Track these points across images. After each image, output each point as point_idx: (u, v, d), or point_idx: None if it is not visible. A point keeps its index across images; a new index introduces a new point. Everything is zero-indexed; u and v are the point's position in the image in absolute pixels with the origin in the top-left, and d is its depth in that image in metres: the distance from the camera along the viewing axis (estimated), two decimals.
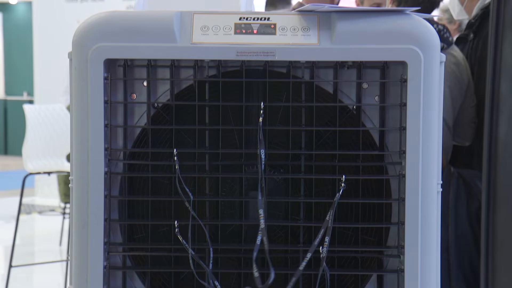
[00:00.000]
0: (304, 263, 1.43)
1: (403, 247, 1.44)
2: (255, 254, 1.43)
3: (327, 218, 1.43)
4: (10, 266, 4.64)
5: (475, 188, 2.91)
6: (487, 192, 2.58)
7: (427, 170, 1.44)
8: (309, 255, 1.43)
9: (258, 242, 1.43)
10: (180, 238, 1.45)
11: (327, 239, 1.43)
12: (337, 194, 1.44)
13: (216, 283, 1.44)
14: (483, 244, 2.60)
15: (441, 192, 1.48)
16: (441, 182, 1.48)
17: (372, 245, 1.50)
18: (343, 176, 1.45)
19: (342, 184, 1.44)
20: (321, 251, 1.43)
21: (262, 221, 1.43)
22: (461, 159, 3.02)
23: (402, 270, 1.45)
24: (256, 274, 1.43)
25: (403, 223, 1.44)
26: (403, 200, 1.44)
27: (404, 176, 1.44)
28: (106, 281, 1.47)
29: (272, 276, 1.43)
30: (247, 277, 1.50)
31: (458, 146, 3.01)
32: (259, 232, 1.43)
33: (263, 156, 1.43)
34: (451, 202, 2.94)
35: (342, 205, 1.48)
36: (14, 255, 4.69)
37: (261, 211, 1.43)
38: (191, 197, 1.45)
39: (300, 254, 1.48)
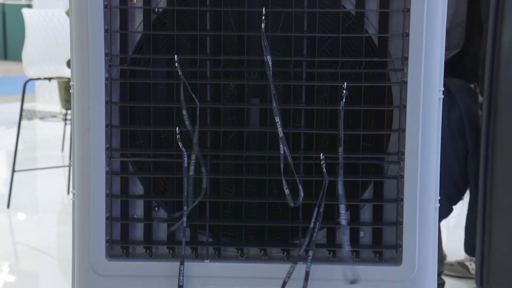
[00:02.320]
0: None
1: (403, 153, 1.45)
2: (282, 165, 1.43)
3: (340, 129, 1.43)
4: (13, 170, 4.69)
5: (457, 96, 2.88)
6: (489, 100, 2.58)
7: (429, 77, 1.44)
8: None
9: (282, 151, 1.43)
10: (180, 145, 1.46)
11: (340, 149, 1.43)
12: (342, 102, 1.44)
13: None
14: (483, 155, 2.61)
15: None
16: (443, 89, 1.48)
17: (372, 152, 1.51)
18: (345, 83, 1.44)
19: (344, 91, 1.44)
20: (321, 159, 1.44)
21: (280, 130, 1.43)
22: (448, 69, 3.00)
23: (402, 176, 1.46)
24: (287, 191, 1.43)
25: (404, 130, 1.45)
26: (405, 107, 1.44)
27: (406, 82, 1.43)
28: (108, 186, 1.48)
29: (301, 194, 1.43)
30: (248, 184, 1.51)
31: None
32: (280, 141, 1.42)
33: (270, 63, 1.42)
34: None
35: (344, 112, 1.47)
36: (17, 160, 4.72)
37: (277, 119, 1.42)
38: (198, 103, 1.44)
39: (301, 160, 1.48)
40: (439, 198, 1.51)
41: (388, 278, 1.49)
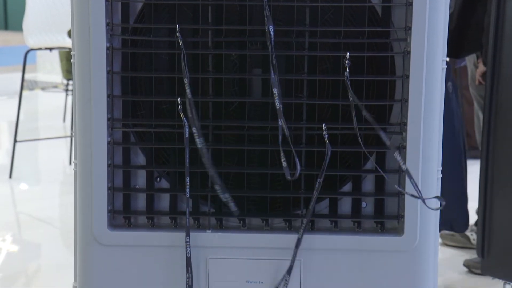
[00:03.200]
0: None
1: (405, 124, 1.45)
2: (280, 137, 1.42)
3: (350, 99, 1.42)
4: (15, 141, 4.69)
5: None
6: (492, 69, 2.56)
7: (432, 47, 1.43)
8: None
9: (280, 123, 1.42)
10: (182, 115, 1.45)
11: (354, 120, 1.42)
12: (346, 72, 1.43)
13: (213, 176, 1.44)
14: (486, 127, 2.61)
15: None
16: (446, 59, 1.47)
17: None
18: (347, 53, 1.43)
19: (347, 62, 1.43)
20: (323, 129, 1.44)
21: (277, 101, 1.41)
22: (451, 38, 2.97)
23: (404, 147, 1.46)
24: (284, 164, 1.43)
25: (406, 100, 1.44)
26: (407, 77, 1.43)
27: (409, 53, 1.43)
28: (110, 156, 1.48)
29: (298, 167, 1.42)
30: (250, 155, 1.51)
31: None
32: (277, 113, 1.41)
33: (272, 33, 1.41)
34: None
35: (345, 83, 1.47)
36: (19, 130, 4.72)
37: (275, 90, 1.41)
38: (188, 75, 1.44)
39: (303, 131, 1.48)
40: (441, 168, 1.51)
41: (389, 248, 1.49)
